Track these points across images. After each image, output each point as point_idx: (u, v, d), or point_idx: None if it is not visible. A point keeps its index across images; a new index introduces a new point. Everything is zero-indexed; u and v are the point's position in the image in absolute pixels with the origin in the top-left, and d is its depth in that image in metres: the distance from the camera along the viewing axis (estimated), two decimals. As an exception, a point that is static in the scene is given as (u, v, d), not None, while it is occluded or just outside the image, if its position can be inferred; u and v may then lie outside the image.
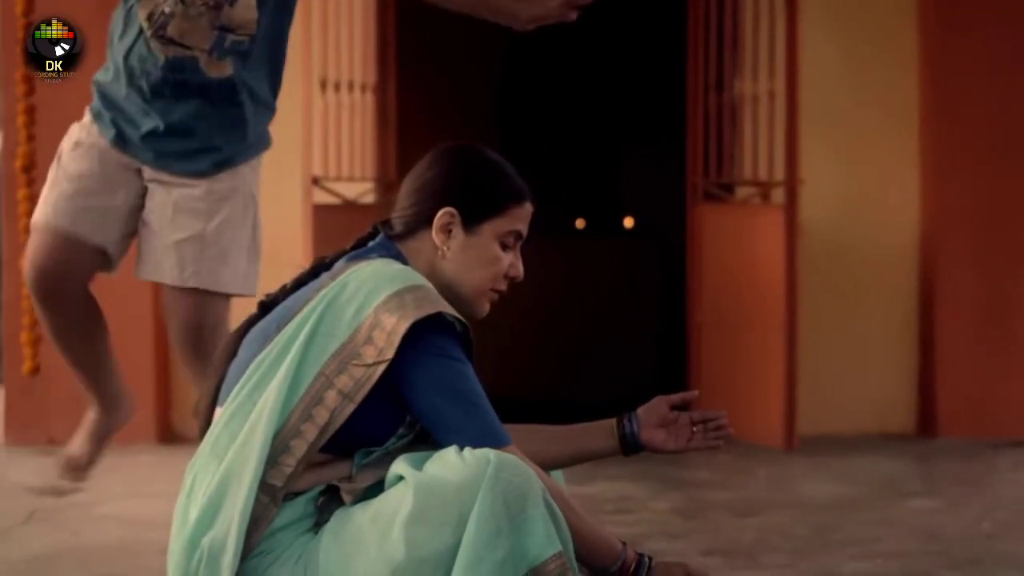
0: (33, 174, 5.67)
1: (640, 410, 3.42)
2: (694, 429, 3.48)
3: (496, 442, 3.06)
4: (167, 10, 3.55)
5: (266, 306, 3.26)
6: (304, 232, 6.10)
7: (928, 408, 6.75)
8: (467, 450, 3.02)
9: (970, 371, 6.68)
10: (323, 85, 6.36)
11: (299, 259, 6.01)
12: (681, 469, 5.93)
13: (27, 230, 5.72)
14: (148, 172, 3.67)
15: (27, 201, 5.65)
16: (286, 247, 6.09)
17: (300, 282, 3.26)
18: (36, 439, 6.47)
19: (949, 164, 6.73)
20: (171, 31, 3.57)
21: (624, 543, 3.27)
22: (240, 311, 3.60)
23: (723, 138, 6.82)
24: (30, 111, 5.73)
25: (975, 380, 6.67)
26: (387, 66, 6.72)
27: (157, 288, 6.57)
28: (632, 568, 3.24)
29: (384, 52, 6.74)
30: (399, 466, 3.04)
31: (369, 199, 6.60)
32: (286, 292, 3.27)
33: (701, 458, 6.16)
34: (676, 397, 3.47)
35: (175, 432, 6.61)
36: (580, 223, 9.44)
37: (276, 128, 6.02)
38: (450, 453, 3.03)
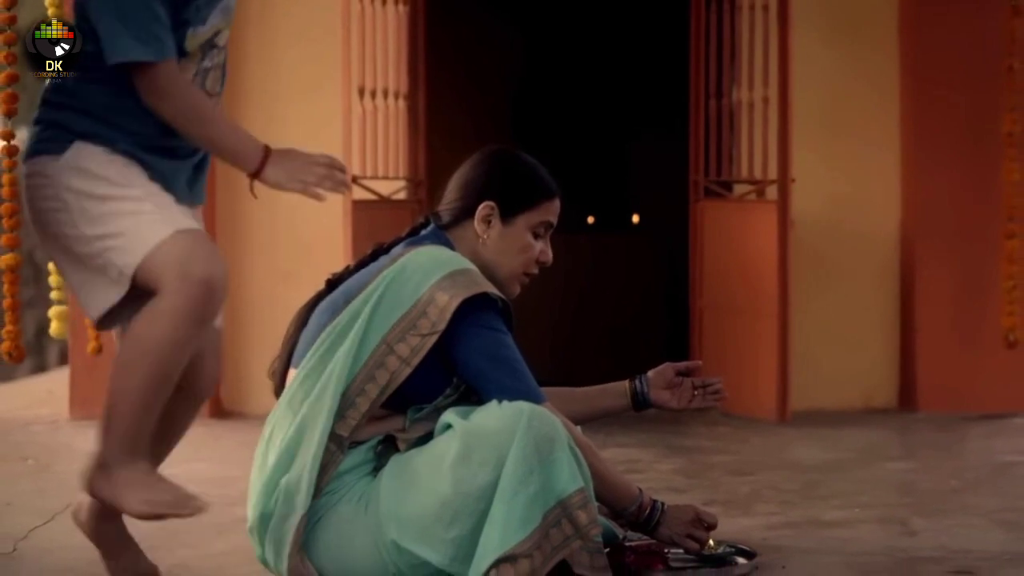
0: None
1: (650, 373, 3.83)
2: (695, 392, 3.90)
3: (533, 400, 3.46)
4: (208, 64, 3.43)
5: (332, 283, 3.66)
6: (344, 224, 6.19)
7: (908, 385, 6.85)
8: (504, 403, 3.41)
9: (947, 351, 6.77)
10: (361, 93, 6.41)
11: (341, 247, 6.17)
12: (684, 438, 6.10)
13: None
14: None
15: None
16: (330, 237, 6.32)
17: (362, 263, 3.64)
18: (99, 413, 6.67)
19: (927, 163, 6.82)
20: (209, 85, 3.45)
21: (640, 489, 3.68)
22: (308, 287, 3.81)
23: (722, 140, 6.89)
24: None
25: (951, 359, 6.77)
26: (417, 76, 6.78)
27: None
28: (647, 509, 3.65)
29: (415, 64, 6.78)
30: (448, 416, 3.44)
31: (401, 195, 6.70)
32: (350, 272, 3.66)
33: (702, 428, 6.35)
34: (681, 365, 3.87)
35: (224, 408, 6.74)
36: (591, 219, 9.56)
37: (320, 132, 6.39)
38: (490, 406, 3.42)
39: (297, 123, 6.80)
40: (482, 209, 3.65)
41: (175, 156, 3.34)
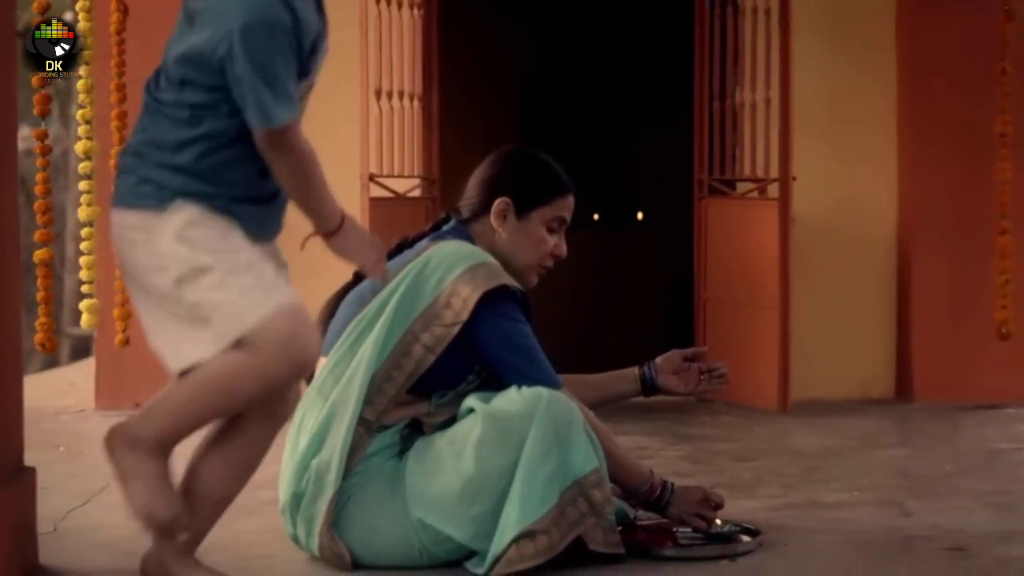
0: None
1: (658, 359, 3.97)
2: (701, 376, 4.05)
3: (551, 386, 3.61)
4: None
5: (359, 275, 3.81)
6: (362, 220, 6.13)
7: (905, 376, 6.92)
8: (524, 388, 3.56)
9: (942, 344, 6.83)
10: (377, 94, 6.46)
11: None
12: (689, 426, 6.18)
13: None
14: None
15: None
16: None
17: (387, 257, 3.80)
18: (123, 404, 6.57)
19: (923, 162, 6.88)
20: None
21: (651, 470, 3.83)
22: (329, 282, 3.95)
23: (725, 140, 6.94)
24: (122, 116, 5.75)
25: (947, 352, 6.82)
26: (431, 78, 6.83)
27: None
28: (658, 489, 3.81)
29: (429, 66, 6.83)
30: (470, 401, 3.59)
31: (416, 193, 6.73)
32: None
33: (707, 417, 6.43)
34: (688, 351, 4.01)
35: None
36: (597, 217, 9.60)
37: (339, 132, 6.50)
38: (510, 391, 3.57)
39: (317, 123, 6.69)
40: (498, 204, 3.79)
41: (268, 202, 3.28)
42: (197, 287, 3.09)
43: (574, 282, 8.31)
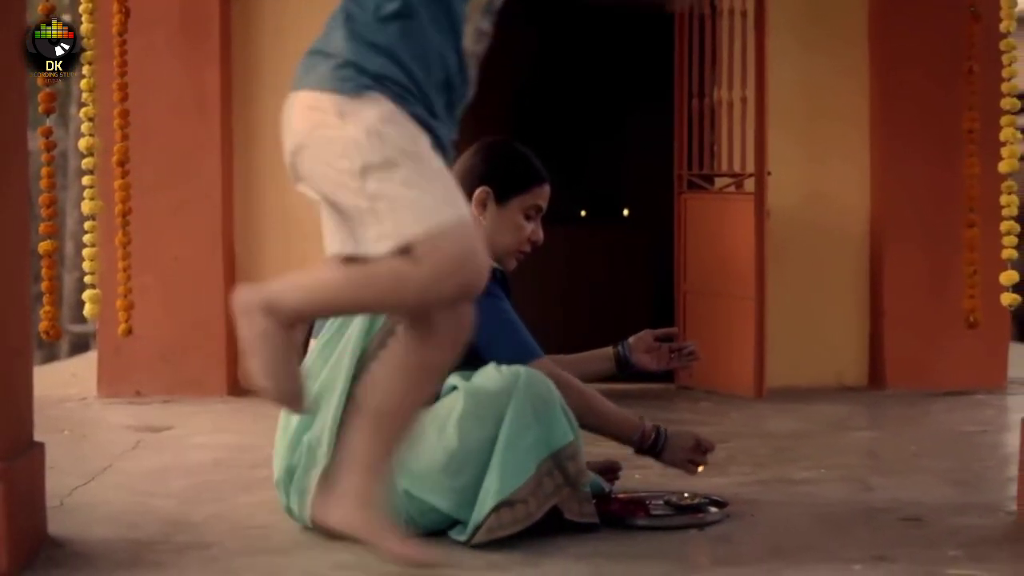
0: (127, 167, 5.76)
1: (631, 339, 4.12)
2: (672, 355, 4.21)
3: (532, 354, 3.75)
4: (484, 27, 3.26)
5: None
6: None
7: (878, 364, 7.03)
8: (503, 367, 3.70)
9: (913, 333, 6.96)
10: None
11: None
12: (669, 412, 6.26)
13: (124, 215, 6.19)
14: None
15: (123, 190, 5.76)
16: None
17: None
18: (125, 392, 6.81)
19: (894, 158, 6.99)
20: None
21: (641, 416, 3.96)
22: None
23: (704, 137, 7.06)
24: (124, 114, 5.84)
25: (917, 341, 6.95)
26: None
27: (228, 252, 6.97)
28: (651, 435, 3.95)
29: None
30: (452, 379, 3.71)
31: None
32: None
33: (685, 403, 6.56)
34: (659, 331, 4.17)
35: (242, 387, 6.78)
36: (584, 213, 9.83)
37: None
38: (489, 369, 3.70)
39: None
40: (479, 193, 3.96)
41: (451, 121, 3.17)
42: (383, 179, 2.95)
43: (562, 275, 8.48)
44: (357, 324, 3.76)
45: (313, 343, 3.86)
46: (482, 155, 4.01)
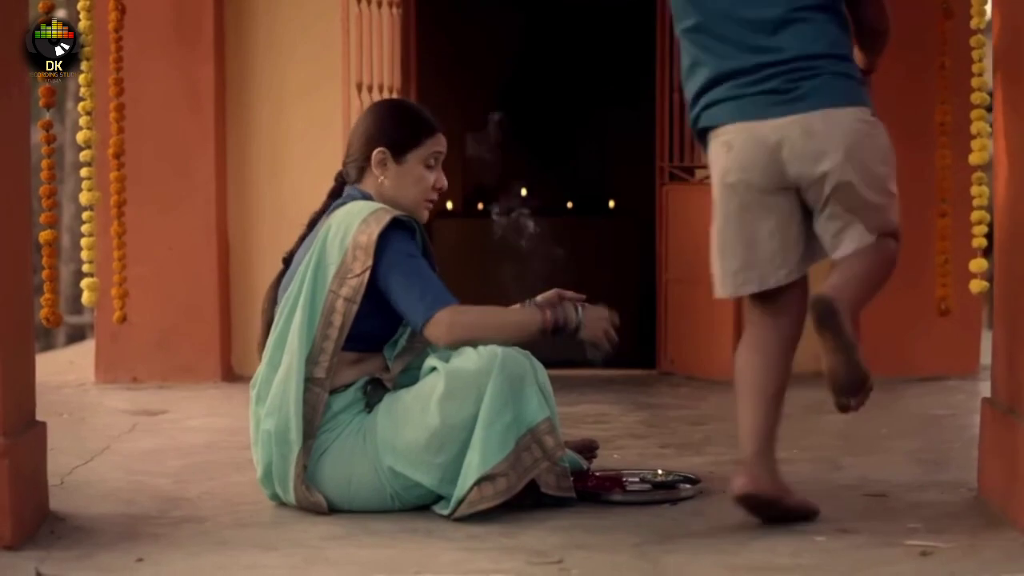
0: (122, 159, 5.80)
1: (538, 297, 4.06)
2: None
3: (445, 301, 3.79)
4: None
5: (287, 260, 4.03)
6: None
7: None
8: (480, 347, 3.79)
9: (887, 322, 6.92)
10: (359, 88, 6.70)
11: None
12: (649, 396, 6.43)
13: (119, 206, 6.28)
14: None
15: (118, 182, 5.80)
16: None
17: (303, 237, 4.01)
18: (122, 378, 6.97)
19: None
20: None
21: (537, 306, 3.95)
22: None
23: (684, 130, 7.02)
24: (120, 108, 5.88)
25: (891, 328, 6.99)
26: (409, 73, 7.08)
27: (222, 241, 7.14)
28: (557, 319, 3.92)
29: (407, 61, 7.06)
30: (431, 360, 3.82)
31: None
32: (297, 246, 4.02)
33: (666, 388, 6.69)
34: (567, 292, 4.08)
35: (235, 373, 7.08)
36: (570, 205, 9.92)
37: (322, 123, 6.73)
38: (467, 350, 3.80)
39: (301, 116, 7.14)
40: (376, 156, 4.00)
41: None
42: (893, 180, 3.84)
43: (547, 267, 8.41)
44: (299, 311, 3.85)
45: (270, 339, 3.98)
46: (372, 118, 4.07)
